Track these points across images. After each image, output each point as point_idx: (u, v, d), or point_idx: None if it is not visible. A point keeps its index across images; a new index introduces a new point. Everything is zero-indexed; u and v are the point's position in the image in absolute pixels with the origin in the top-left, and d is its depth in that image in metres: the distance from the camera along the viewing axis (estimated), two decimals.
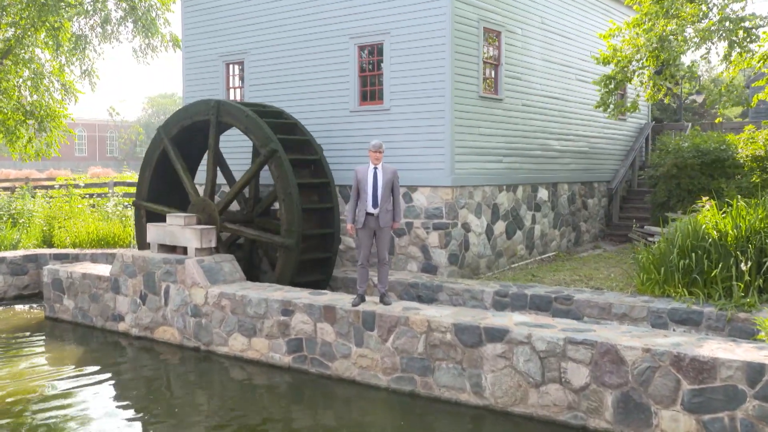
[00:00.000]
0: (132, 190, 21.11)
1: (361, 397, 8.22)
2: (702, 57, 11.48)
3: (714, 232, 9.22)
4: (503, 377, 7.51)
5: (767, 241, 9.02)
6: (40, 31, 19.04)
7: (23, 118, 19.37)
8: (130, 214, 17.14)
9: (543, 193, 14.09)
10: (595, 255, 14.04)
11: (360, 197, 8.67)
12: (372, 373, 8.47)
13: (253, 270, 12.43)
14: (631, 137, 17.94)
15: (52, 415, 7.71)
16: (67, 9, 19.32)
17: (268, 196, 11.94)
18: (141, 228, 12.41)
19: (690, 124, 19.58)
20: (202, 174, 13.54)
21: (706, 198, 10.49)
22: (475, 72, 11.92)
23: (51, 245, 16.35)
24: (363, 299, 8.81)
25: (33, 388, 8.63)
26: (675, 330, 8.63)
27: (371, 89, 12.38)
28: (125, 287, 11.14)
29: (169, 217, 11.13)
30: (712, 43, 10.54)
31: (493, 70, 12.50)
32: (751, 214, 9.43)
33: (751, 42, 10.42)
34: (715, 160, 13.41)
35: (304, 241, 10.76)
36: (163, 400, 8.34)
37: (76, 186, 21.05)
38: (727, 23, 10.22)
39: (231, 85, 14.51)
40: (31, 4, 18.17)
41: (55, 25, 19.02)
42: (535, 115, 13.69)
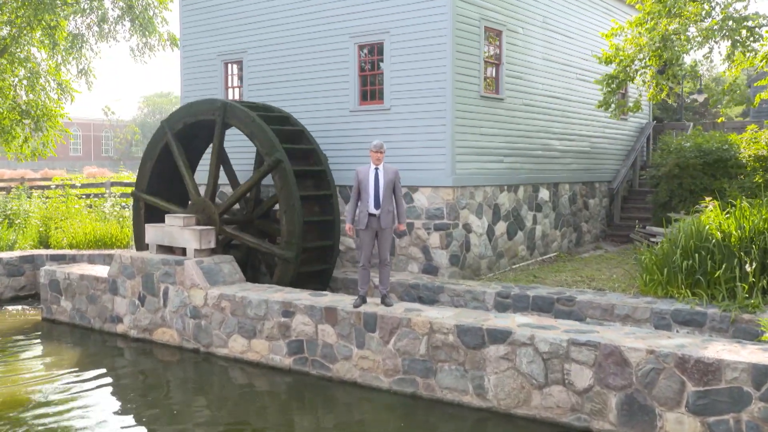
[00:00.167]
0: (129, 191, 20.99)
1: (363, 399, 8.16)
2: (704, 56, 11.44)
3: (717, 233, 9.18)
4: (506, 379, 7.46)
5: None
6: (36, 29, 18.93)
7: (19, 118, 19.25)
8: (128, 214, 17.03)
9: (544, 194, 14.02)
10: (597, 256, 13.98)
11: (361, 198, 8.61)
12: (374, 375, 8.41)
13: (251, 271, 12.32)
14: (632, 137, 17.89)
15: (49, 419, 7.61)
16: (63, 7, 19.20)
17: (270, 199, 11.84)
18: (139, 220, 12.32)
19: (692, 124, 19.51)
20: (202, 173, 13.45)
21: (710, 198, 10.44)
22: (476, 71, 11.85)
23: (47, 246, 16.23)
24: (364, 300, 8.75)
25: (30, 391, 8.53)
26: (678, 331, 8.58)
27: (371, 89, 12.30)
28: (123, 288, 11.04)
29: (168, 217, 11.04)
30: (715, 43, 10.49)
31: (494, 69, 12.43)
32: (755, 215, 9.39)
33: (754, 41, 10.37)
34: (718, 160, 13.36)
35: (303, 252, 10.71)
36: (162, 403, 8.26)
37: (73, 186, 20.88)
38: (730, 22, 10.17)
39: (229, 85, 14.40)
40: (27, 3, 18.05)
41: (52, 24, 18.90)
42: (536, 114, 13.63)
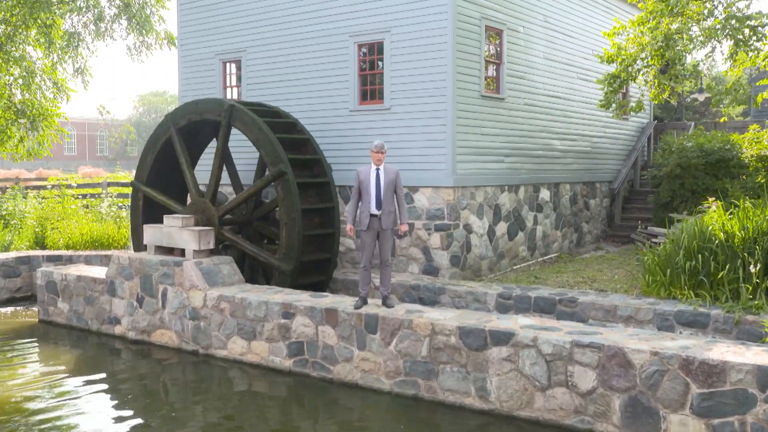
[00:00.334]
0: (126, 191, 20.87)
1: (364, 401, 8.09)
2: (706, 56, 11.39)
3: (721, 234, 9.13)
4: (509, 381, 7.40)
5: None
6: (31, 28, 18.79)
7: (14, 117, 19.09)
8: (125, 215, 16.91)
9: (545, 194, 13.95)
10: (598, 256, 13.91)
11: (362, 199, 8.54)
12: (375, 377, 8.33)
13: (248, 270, 12.20)
14: (633, 137, 17.84)
15: (46, 425, 7.50)
16: (59, 5, 19.08)
17: (270, 203, 11.75)
18: (137, 212, 12.25)
19: (693, 124, 19.45)
20: (202, 173, 13.32)
21: (713, 198, 10.39)
22: (477, 71, 11.77)
23: (44, 247, 16.09)
24: (365, 302, 8.67)
25: (27, 396, 8.43)
26: (681, 333, 8.53)
27: (371, 88, 12.21)
28: (121, 290, 10.94)
29: (166, 218, 10.95)
30: (718, 42, 10.44)
31: (494, 68, 12.36)
32: (758, 215, 9.35)
33: (757, 40, 10.32)
34: (720, 159, 13.32)
35: (300, 265, 10.62)
36: (160, 406, 8.18)
37: (69, 186, 20.74)
38: (732, 21, 10.12)
39: (228, 84, 14.31)
40: (22, 1, 17.91)
41: (47, 22, 18.77)
42: (537, 114, 13.56)
